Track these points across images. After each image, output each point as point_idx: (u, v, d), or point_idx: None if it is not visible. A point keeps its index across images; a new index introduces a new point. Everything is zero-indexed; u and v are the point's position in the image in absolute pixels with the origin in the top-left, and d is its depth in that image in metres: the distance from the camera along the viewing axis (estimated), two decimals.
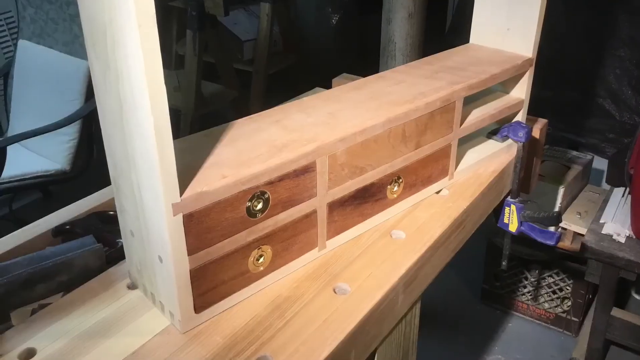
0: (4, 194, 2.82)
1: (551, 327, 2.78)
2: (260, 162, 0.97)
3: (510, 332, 2.79)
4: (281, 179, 0.99)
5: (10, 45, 3.54)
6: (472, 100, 1.43)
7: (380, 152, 1.16)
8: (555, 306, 2.72)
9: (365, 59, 4.23)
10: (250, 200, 0.96)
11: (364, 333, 1.02)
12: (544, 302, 2.74)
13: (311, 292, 1.05)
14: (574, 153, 2.71)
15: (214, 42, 3.89)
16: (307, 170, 1.03)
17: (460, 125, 1.32)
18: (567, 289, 2.64)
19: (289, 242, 1.06)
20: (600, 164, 2.91)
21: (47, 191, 3.49)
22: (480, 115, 1.38)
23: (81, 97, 2.85)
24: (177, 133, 3.31)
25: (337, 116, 1.14)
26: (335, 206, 1.11)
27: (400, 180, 1.22)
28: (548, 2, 1.38)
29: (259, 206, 0.98)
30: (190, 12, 3.57)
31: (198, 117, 3.86)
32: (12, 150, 2.63)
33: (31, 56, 3.04)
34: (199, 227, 0.91)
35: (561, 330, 2.75)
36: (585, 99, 2.95)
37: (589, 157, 2.70)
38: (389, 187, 1.20)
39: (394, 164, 1.20)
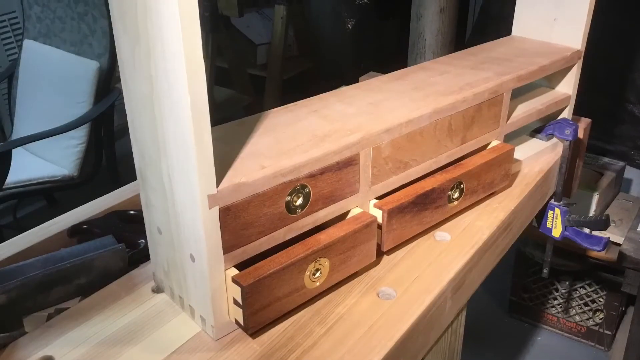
0: (8, 200, 2.74)
1: (582, 340, 2.69)
2: (301, 152, 0.90)
3: (539, 346, 2.71)
4: (323, 171, 0.92)
5: (15, 47, 3.48)
6: (517, 95, 1.35)
7: (425, 146, 1.08)
8: (587, 319, 2.63)
9: (382, 65, 4.17)
10: (290, 194, 0.89)
11: (412, 341, 0.94)
12: (574, 314, 2.66)
13: (353, 296, 0.98)
14: (606, 159, 2.64)
15: (227, 46, 3.82)
16: (350, 163, 0.95)
17: (507, 120, 1.24)
18: (600, 301, 2.56)
19: (347, 254, 0.97)
20: (629, 172, 2.82)
21: (52, 198, 3.41)
22: (526, 110, 1.31)
23: (90, 99, 2.77)
24: None
25: (379, 106, 1.06)
26: (393, 213, 1.02)
27: (462, 185, 1.13)
28: None
29: (299, 201, 0.91)
30: (203, 13, 3.49)
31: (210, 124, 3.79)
32: (16, 154, 2.55)
33: (37, 57, 2.96)
34: (236, 222, 0.83)
35: (593, 344, 2.66)
36: (615, 104, 2.88)
37: (621, 164, 2.63)
38: (449, 193, 1.11)
39: (438, 159, 1.12)
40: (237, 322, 0.87)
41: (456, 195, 1.12)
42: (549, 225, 1.43)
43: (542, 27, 1.41)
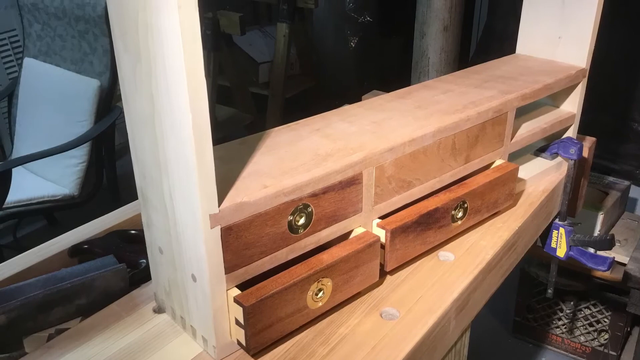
0: (9, 220, 2.71)
1: None
2: (303, 171, 0.89)
3: None
4: (325, 191, 0.90)
5: (15, 65, 3.46)
6: (521, 114, 1.34)
7: (429, 165, 1.07)
8: (592, 339, 2.60)
9: (385, 83, 4.17)
10: (293, 214, 0.87)
11: None
12: (579, 335, 2.63)
13: (356, 316, 0.97)
14: (611, 179, 2.61)
15: (228, 64, 3.82)
16: (353, 182, 0.94)
17: (511, 139, 1.23)
18: (605, 321, 2.53)
19: (350, 274, 0.95)
20: (634, 191, 2.80)
21: (53, 218, 3.38)
22: (531, 129, 1.30)
23: (91, 118, 2.74)
24: None
25: (382, 125, 1.05)
26: (397, 233, 1.01)
27: (465, 205, 1.12)
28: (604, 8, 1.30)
29: (301, 221, 0.89)
30: (205, 31, 3.48)
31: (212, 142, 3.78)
32: (17, 173, 2.52)
33: (37, 75, 2.94)
34: (238, 242, 0.82)
35: None
36: (620, 123, 2.86)
37: (626, 183, 2.61)
38: (453, 212, 1.10)
39: (442, 178, 1.11)
40: (239, 343, 0.86)
41: (460, 214, 1.11)
42: (553, 245, 1.41)
43: (546, 45, 1.40)
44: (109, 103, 2.77)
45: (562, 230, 1.39)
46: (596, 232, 2.38)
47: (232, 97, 4.08)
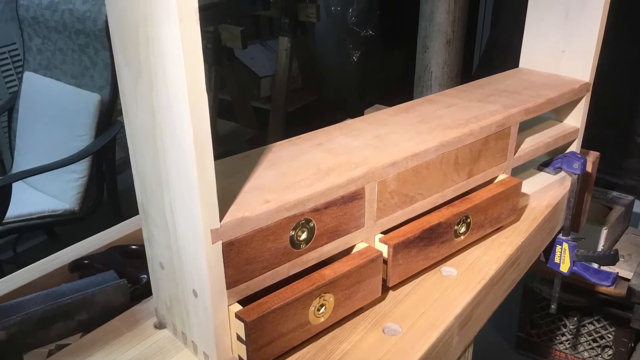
0: (9, 235, 2.70)
1: None
2: (305, 186, 0.88)
3: None
4: (327, 205, 0.90)
5: (15, 79, 3.45)
6: (524, 128, 1.33)
7: (431, 179, 1.06)
8: (596, 355, 2.59)
9: (388, 97, 4.16)
10: (295, 229, 0.87)
11: None
12: (583, 350, 2.62)
13: (358, 332, 0.96)
14: (614, 193, 2.61)
15: (229, 78, 3.81)
16: (355, 197, 0.94)
17: (515, 153, 1.23)
18: (609, 337, 2.52)
19: (352, 290, 0.95)
20: (638, 206, 2.79)
21: (53, 233, 3.37)
22: (534, 143, 1.29)
23: (91, 132, 2.73)
24: None
25: (385, 140, 1.05)
26: (399, 248, 1.00)
27: (468, 220, 1.11)
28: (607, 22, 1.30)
29: (303, 236, 0.89)
30: (206, 45, 3.47)
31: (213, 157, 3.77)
32: (17, 188, 2.51)
33: (37, 89, 2.93)
34: (239, 257, 0.82)
35: None
36: (623, 137, 2.85)
37: (630, 198, 2.60)
38: (456, 227, 1.09)
39: (445, 193, 1.10)
40: (240, 359, 0.85)
41: (463, 229, 1.10)
42: (556, 260, 1.41)
43: (550, 59, 1.40)
44: (109, 117, 2.76)
45: (565, 245, 1.39)
46: (600, 247, 2.37)
47: (234, 112, 4.07)
